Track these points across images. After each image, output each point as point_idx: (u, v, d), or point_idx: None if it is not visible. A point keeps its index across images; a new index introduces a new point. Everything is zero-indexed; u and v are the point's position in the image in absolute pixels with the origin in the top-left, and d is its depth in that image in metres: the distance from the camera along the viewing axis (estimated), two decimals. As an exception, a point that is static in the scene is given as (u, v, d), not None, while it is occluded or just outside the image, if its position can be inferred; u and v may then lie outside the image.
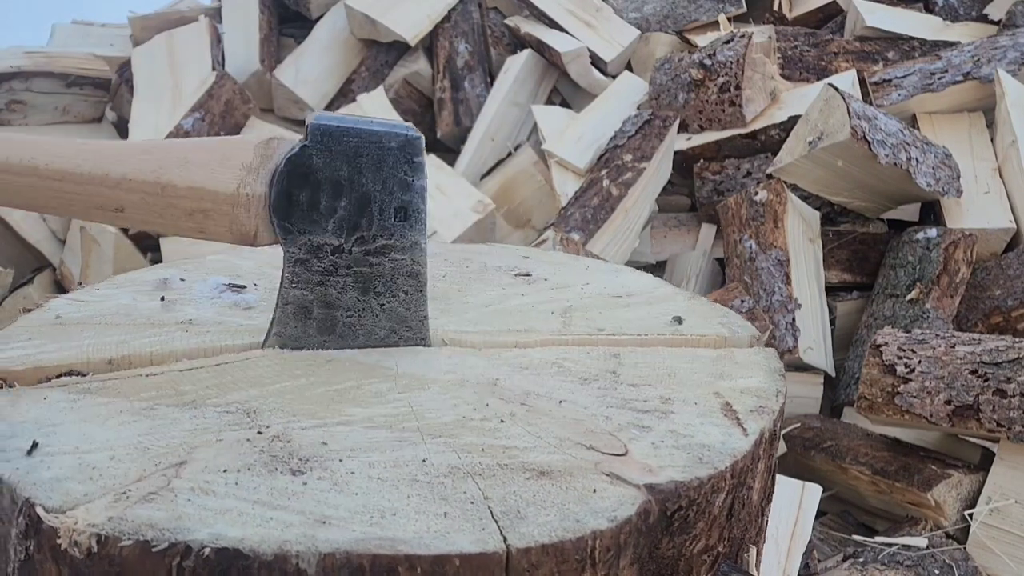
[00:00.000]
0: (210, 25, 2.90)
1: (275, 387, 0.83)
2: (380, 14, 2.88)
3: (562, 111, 2.79)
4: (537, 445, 0.73)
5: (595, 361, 0.93)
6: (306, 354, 0.90)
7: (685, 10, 3.04)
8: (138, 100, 2.75)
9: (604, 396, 0.84)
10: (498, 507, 0.64)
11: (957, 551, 1.55)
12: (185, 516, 0.61)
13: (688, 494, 0.69)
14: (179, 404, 0.78)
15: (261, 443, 0.71)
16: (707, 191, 2.47)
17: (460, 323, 1.03)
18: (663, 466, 0.70)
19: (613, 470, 0.69)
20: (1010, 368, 1.57)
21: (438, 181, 2.62)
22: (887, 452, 1.79)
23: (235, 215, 0.87)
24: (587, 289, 1.18)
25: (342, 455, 0.70)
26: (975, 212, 2.23)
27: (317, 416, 0.77)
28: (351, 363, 0.89)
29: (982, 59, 2.45)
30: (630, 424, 0.78)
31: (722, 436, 0.76)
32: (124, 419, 0.75)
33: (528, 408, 0.80)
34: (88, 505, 0.62)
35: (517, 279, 1.22)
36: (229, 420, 0.76)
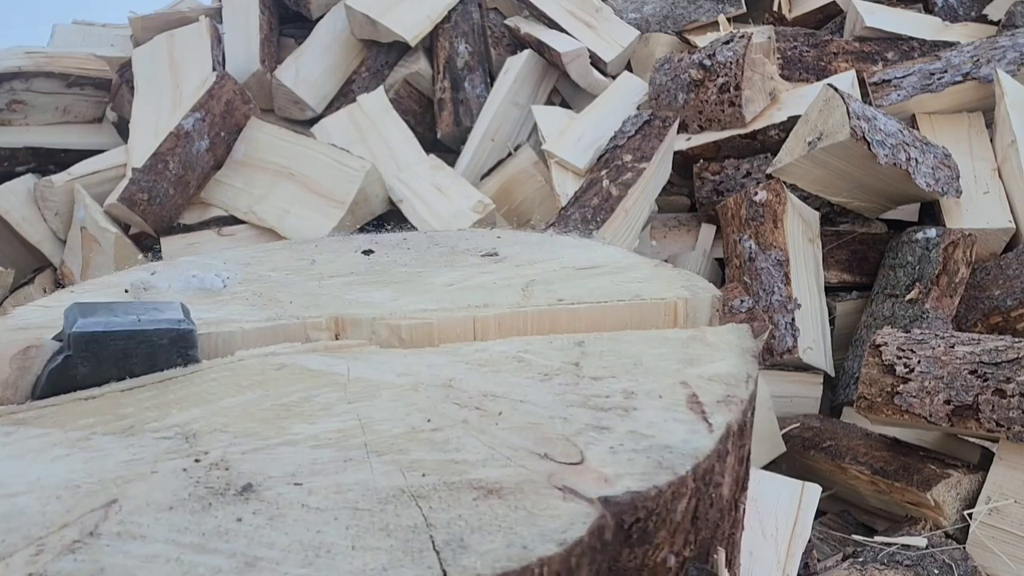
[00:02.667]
0: (210, 25, 2.90)
1: (220, 404, 0.79)
2: (380, 14, 2.88)
3: (562, 111, 2.79)
4: (489, 457, 0.69)
5: (558, 352, 0.89)
6: (255, 362, 0.87)
7: (685, 10, 3.04)
8: (138, 100, 2.75)
9: (564, 394, 0.80)
10: (441, 536, 0.60)
11: (956, 551, 1.55)
12: (108, 567, 0.56)
13: (646, 504, 0.65)
14: (117, 431, 0.74)
15: (198, 473, 0.67)
16: (707, 191, 2.48)
17: (419, 303, 1.01)
18: (619, 474, 0.66)
19: (567, 483, 0.65)
20: (1009, 368, 1.57)
21: (438, 181, 2.62)
22: (886, 452, 1.79)
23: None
24: (552, 264, 1.17)
25: (281, 483, 0.66)
26: (974, 212, 2.24)
27: (261, 436, 0.73)
28: (300, 371, 0.85)
29: (981, 59, 2.45)
30: (589, 426, 0.74)
31: (685, 434, 0.72)
32: (57, 453, 0.70)
33: (483, 413, 0.77)
34: (8, 560, 0.57)
35: (484, 259, 1.21)
36: (167, 447, 0.71)
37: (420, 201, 2.57)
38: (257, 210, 2.56)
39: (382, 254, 1.26)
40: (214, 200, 2.63)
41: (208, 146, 2.60)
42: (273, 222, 2.52)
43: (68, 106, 2.97)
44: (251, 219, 2.56)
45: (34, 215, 2.67)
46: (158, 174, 2.50)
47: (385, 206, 2.63)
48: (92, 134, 2.99)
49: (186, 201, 2.59)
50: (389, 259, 1.23)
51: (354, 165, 2.54)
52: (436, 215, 2.52)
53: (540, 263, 1.18)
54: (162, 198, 2.51)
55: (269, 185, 2.60)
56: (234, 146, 2.68)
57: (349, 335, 0.96)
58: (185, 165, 2.54)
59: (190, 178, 2.57)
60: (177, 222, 2.59)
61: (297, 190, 2.56)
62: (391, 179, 2.63)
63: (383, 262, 1.21)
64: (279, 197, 2.57)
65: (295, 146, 2.63)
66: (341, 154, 2.59)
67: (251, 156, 2.66)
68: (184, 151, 2.54)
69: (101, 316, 0.84)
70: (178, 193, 2.55)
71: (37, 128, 2.91)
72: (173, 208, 2.55)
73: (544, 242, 1.31)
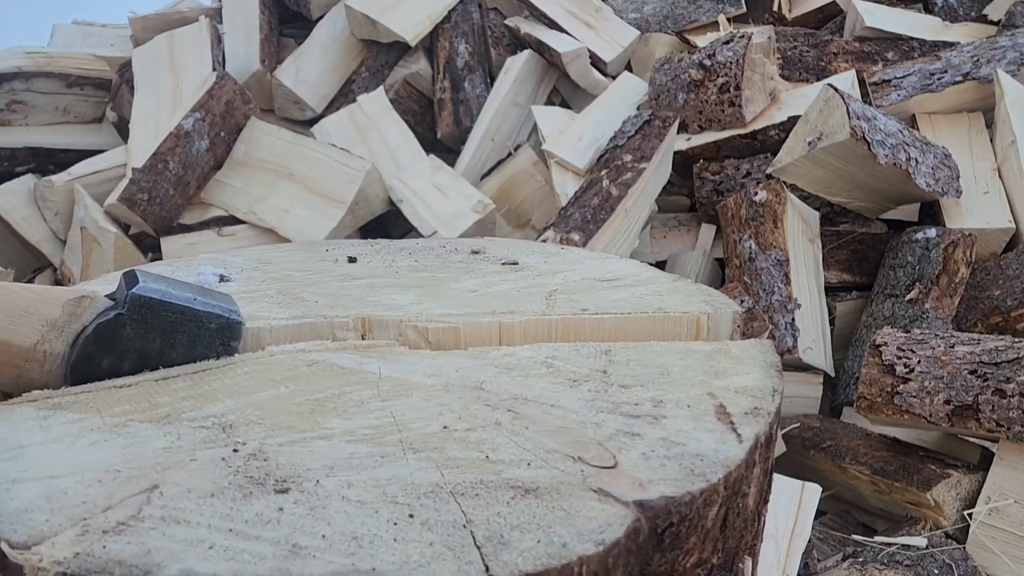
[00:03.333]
0: (210, 25, 2.90)
1: (254, 397, 0.80)
2: (380, 14, 2.88)
3: (562, 111, 2.79)
4: (523, 458, 0.71)
5: (585, 359, 0.91)
6: (286, 358, 0.88)
7: (685, 11, 3.04)
8: (139, 100, 2.75)
9: (594, 400, 0.82)
10: (481, 532, 0.61)
11: (956, 551, 1.55)
12: (155, 550, 0.57)
13: (680, 510, 0.66)
14: (153, 420, 0.75)
15: (237, 462, 0.68)
16: (707, 191, 2.48)
17: (444, 307, 1.02)
18: (653, 480, 0.67)
19: (602, 485, 0.66)
20: (1009, 368, 1.57)
21: (438, 181, 2.62)
22: (886, 452, 1.79)
23: (25, 369, 0.80)
24: (573, 275, 1.19)
25: (320, 475, 0.67)
26: (974, 212, 2.24)
27: (296, 430, 0.74)
28: (332, 368, 0.87)
29: (981, 59, 2.45)
30: (620, 431, 0.75)
31: (715, 443, 0.73)
32: (95, 438, 0.72)
33: (515, 415, 0.78)
34: (54, 539, 0.58)
35: (505, 267, 1.22)
36: (204, 436, 0.72)
37: (420, 201, 2.57)
38: (257, 210, 2.56)
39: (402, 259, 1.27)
40: (214, 200, 2.63)
41: (208, 146, 2.60)
42: (273, 222, 2.52)
43: (68, 106, 2.98)
44: (251, 219, 2.56)
45: (34, 215, 2.67)
46: (158, 174, 2.50)
47: (385, 206, 2.63)
48: (92, 134, 2.99)
49: (186, 201, 2.59)
50: (410, 264, 1.24)
51: (354, 165, 2.54)
52: (436, 215, 2.52)
53: (560, 273, 1.19)
54: (162, 198, 2.51)
55: (269, 185, 2.60)
56: (234, 146, 2.68)
57: (375, 336, 0.97)
58: (185, 165, 2.54)
59: (190, 178, 2.57)
60: (177, 222, 2.59)
61: (297, 190, 2.56)
62: (391, 179, 2.63)
63: (407, 267, 1.23)
64: (279, 197, 2.57)
65: (295, 146, 2.63)
66: (341, 154, 2.59)
67: (251, 156, 2.66)
68: (184, 151, 2.54)
69: (160, 285, 0.85)
70: (178, 193, 2.55)
71: (37, 128, 2.91)
72: (173, 208, 2.55)
73: (562, 253, 1.33)
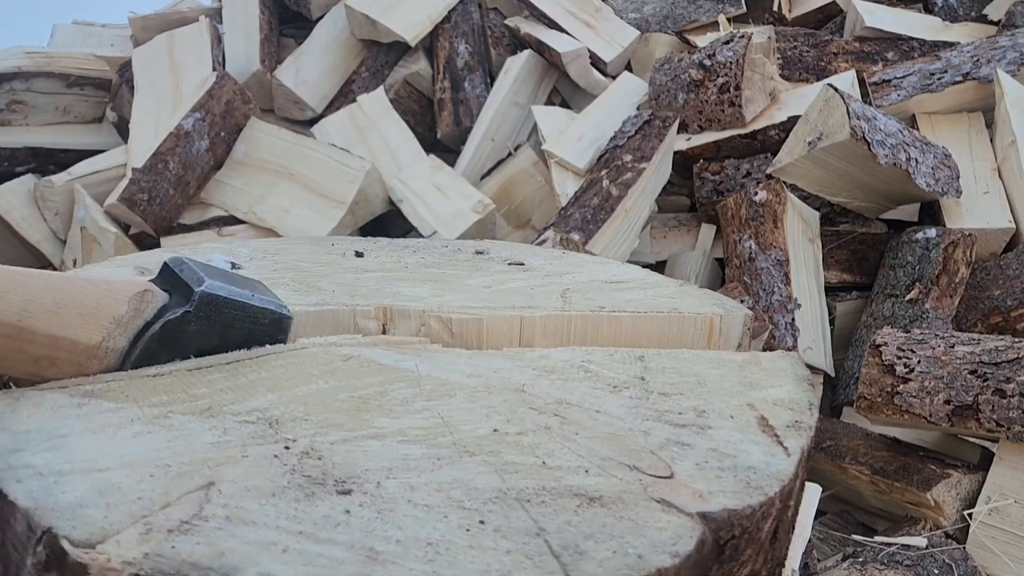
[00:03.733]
0: (210, 25, 2.90)
1: (295, 392, 0.78)
2: (380, 14, 2.88)
3: (562, 111, 2.79)
4: (580, 465, 0.69)
5: (621, 365, 0.90)
6: (319, 351, 0.87)
7: (685, 11, 3.04)
8: (139, 100, 2.75)
9: (637, 407, 0.81)
10: (555, 541, 0.59)
11: (956, 551, 1.55)
12: (228, 552, 0.55)
13: (741, 523, 0.65)
14: (194, 412, 0.73)
15: (291, 460, 0.66)
16: (707, 191, 2.48)
17: (464, 299, 1.03)
18: (713, 492, 0.66)
19: (663, 496, 0.65)
20: (1009, 368, 1.57)
21: (438, 181, 2.62)
22: (886, 452, 1.79)
23: (86, 365, 0.77)
24: (580, 276, 1.19)
25: (379, 476, 0.65)
26: (974, 212, 2.24)
27: (345, 428, 0.72)
28: (369, 364, 0.85)
29: (981, 59, 2.45)
30: (669, 440, 0.74)
31: (764, 456, 0.73)
32: (138, 429, 0.69)
33: (563, 420, 0.77)
34: (117, 537, 0.55)
35: (511, 267, 1.23)
36: (251, 432, 0.70)
37: (420, 201, 2.57)
38: (257, 210, 2.56)
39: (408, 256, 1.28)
40: (214, 200, 2.63)
41: (208, 146, 2.60)
42: (273, 222, 2.52)
43: (68, 106, 2.97)
44: (251, 219, 2.56)
45: (34, 215, 2.67)
46: (158, 174, 2.50)
47: (385, 206, 2.63)
48: (92, 134, 2.99)
49: (186, 201, 2.59)
50: (417, 260, 1.25)
51: (354, 165, 2.54)
52: (436, 215, 2.52)
53: (568, 274, 1.20)
54: (162, 198, 2.51)
55: (269, 185, 2.60)
56: (234, 146, 2.68)
57: (396, 325, 0.97)
58: (185, 165, 2.54)
59: (190, 178, 2.57)
60: (177, 222, 2.59)
61: (297, 190, 2.56)
62: (391, 179, 2.63)
63: (415, 263, 1.23)
64: (279, 197, 2.57)
65: (295, 146, 2.63)
66: (341, 154, 2.59)
67: (251, 156, 2.66)
68: (184, 151, 2.54)
69: (220, 280, 0.83)
70: (178, 193, 2.55)
71: (37, 128, 2.91)
72: (173, 208, 2.55)
73: (563, 256, 1.35)
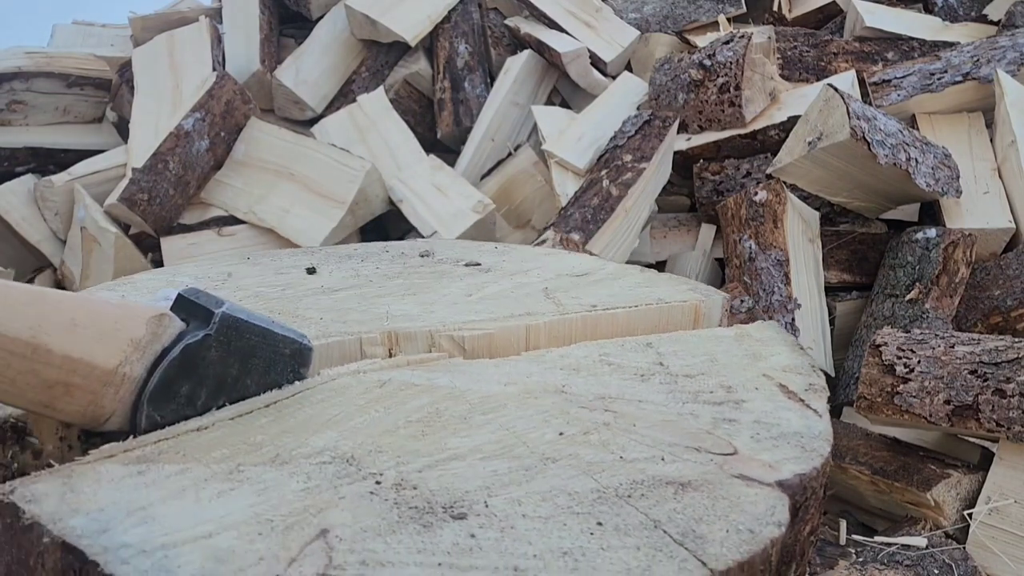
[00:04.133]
0: (210, 25, 2.90)
1: (350, 425, 0.77)
2: (380, 14, 2.88)
3: (562, 111, 2.79)
4: (653, 455, 0.71)
5: (635, 354, 0.93)
6: (352, 380, 0.85)
7: (685, 11, 3.04)
8: (138, 100, 2.75)
9: (672, 391, 0.84)
10: (673, 530, 0.61)
11: (956, 551, 1.55)
12: None
13: (811, 484, 0.69)
14: (264, 461, 0.70)
15: (388, 494, 0.65)
16: (707, 191, 2.48)
17: (459, 313, 1.02)
18: (778, 461, 0.71)
19: (740, 471, 0.69)
20: (1009, 368, 1.57)
21: (438, 181, 2.62)
22: (886, 452, 1.79)
23: (101, 394, 0.72)
24: (544, 271, 1.20)
25: (482, 496, 0.65)
26: (974, 212, 2.24)
27: (422, 454, 0.72)
28: (407, 386, 0.85)
29: (981, 59, 2.45)
30: (716, 419, 0.78)
31: (802, 420, 0.77)
32: (219, 488, 0.66)
33: (615, 414, 0.79)
34: None
35: (470, 269, 1.23)
36: (335, 472, 0.69)
37: (420, 201, 2.57)
38: (257, 210, 2.56)
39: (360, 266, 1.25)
40: (214, 200, 2.63)
41: (208, 146, 2.60)
42: (273, 222, 2.52)
43: (68, 106, 2.97)
44: (251, 219, 2.56)
45: (34, 215, 2.67)
46: (158, 174, 2.50)
47: (385, 206, 2.63)
48: (92, 134, 2.99)
49: (186, 201, 2.59)
50: (375, 271, 1.23)
51: (354, 165, 2.54)
52: (436, 215, 2.52)
53: (531, 271, 1.20)
54: (162, 198, 2.51)
55: (269, 185, 2.60)
56: (234, 146, 2.68)
57: (403, 349, 0.97)
58: (185, 165, 2.54)
59: (190, 178, 2.57)
60: (177, 222, 2.59)
61: (297, 190, 2.56)
62: (391, 179, 2.63)
63: (376, 274, 1.21)
64: (279, 197, 2.57)
65: (295, 146, 2.63)
66: (341, 154, 2.59)
67: (251, 156, 2.66)
68: (184, 151, 2.54)
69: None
70: (178, 193, 2.55)
71: (37, 128, 2.91)
72: (173, 208, 2.55)
73: (509, 251, 1.34)
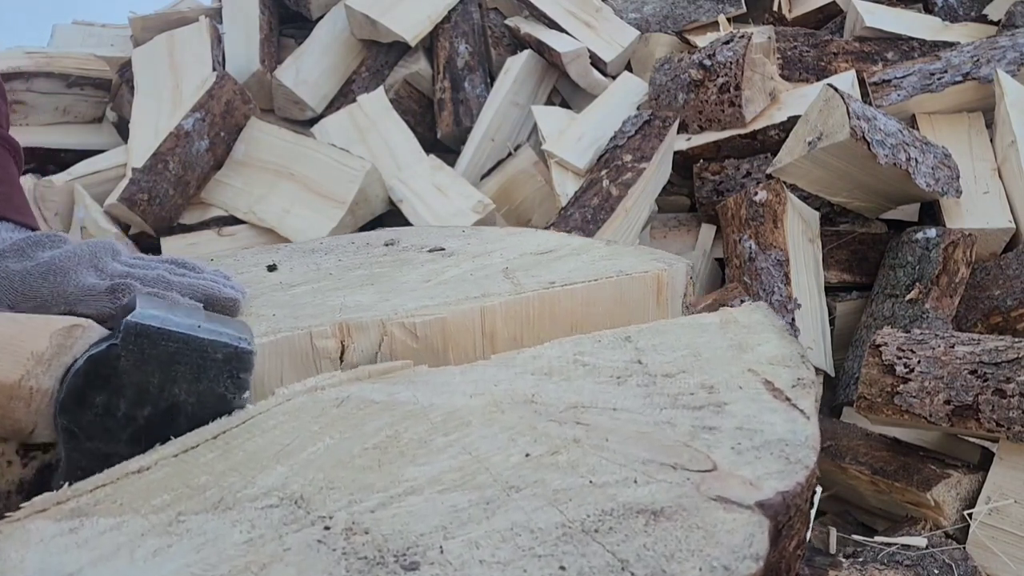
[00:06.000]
0: (210, 25, 2.90)
1: (303, 456, 0.71)
2: (380, 14, 2.88)
3: (562, 111, 2.79)
4: (626, 476, 0.66)
5: (613, 351, 0.88)
6: (307, 400, 0.79)
7: (685, 10, 3.04)
8: (138, 100, 2.75)
9: (649, 395, 0.78)
10: (641, 571, 0.56)
11: (956, 551, 1.55)
12: None
13: (794, 502, 0.64)
14: (208, 508, 0.65)
15: (338, 543, 0.60)
16: (707, 191, 2.48)
17: (414, 300, 0.98)
18: (760, 476, 0.65)
19: (718, 492, 0.64)
20: (1009, 368, 1.57)
21: (438, 181, 2.62)
22: (886, 452, 1.79)
23: (10, 408, 0.71)
24: (508, 251, 1.16)
25: (438, 539, 0.60)
26: (974, 212, 2.23)
27: (376, 488, 0.66)
28: (366, 404, 0.79)
29: (981, 59, 2.45)
30: (695, 427, 0.73)
31: (787, 424, 0.72)
32: (155, 545, 0.61)
33: (587, 427, 0.73)
34: None
35: (434, 255, 1.19)
36: (281, 517, 0.63)
37: (420, 201, 2.57)
38: (257, 210, 2.56)
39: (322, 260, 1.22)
40: (214, 200, 2.63)
41: (208, 146, 2.60)
42: (273, 222, 2.52)
43: (68, 106, 2.97)
44: (251, 219, 2.56)
45: (34, 215, 2.66)
46: (158, 174, 2.50)
47: (385, 206, 2.63)
48: (92, 134, 2.99)
49: (186, 201, 2.59)
50: (336, 264, 1.19)
51: (354, 165, 2.54)
52: (436, 215, 2.52)
53: (495, 252, 1.16)
54: (162, 198, 2.51)
55: (269, 185, 2.60)
56: (234, 146, 2.68)
57: (356, 340, 0.93)
58: (185, 165, 2.54)
59: (190, 178, 2.57)
60: (177, 222, 2.59)
61: (297, 190, 2.56)
62: (391, 179, 2.63)
63: (336, 266, 1.18)
64: (279, 197, 2.57)
65: (295, 146, 2.63)
66: (341, 154, 2.59)
67: (251, 156, 2.66)
68: (184, 151, 2.54)
69: (160, 311, 0.76)
70: (178, 193, 2.55)
71: (37, 128, 2.91)
72: (173, 208, 2.55)
73: (475, 234, 1.30)
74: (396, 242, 1.29)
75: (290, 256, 1.26)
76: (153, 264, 0.95)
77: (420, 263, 1.15)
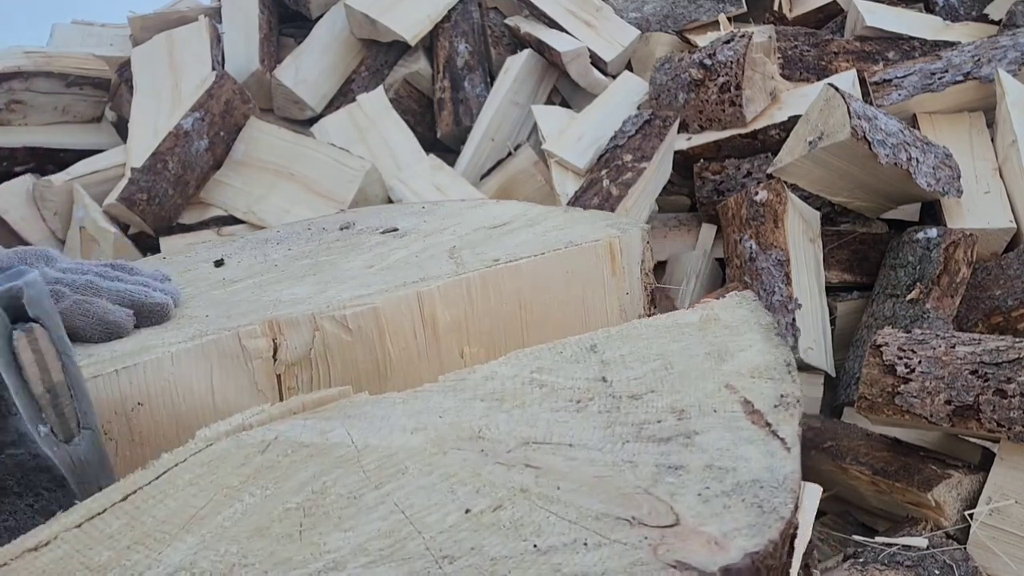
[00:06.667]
0: (210, 25, 2.90)
1: (218, 522, 0.63)
2: (380, 14, 2.87)
3: (562, 111, 2.79)
4: (575, 537, 0.58)
5: (574, 366, 0.79)
6: (230, 446, 0.71)
7: (685, 10, 3.04)
8: (138, 100, 2.75)
9: (611, 425, 0.70)
10: None
11: (957, 551, 1.55)
12: None
13: (766, 563, 0.56)
14: None
15: None
16: (707, 191, 2.47)
17: (351, 289, 0.93)
18: (727, 532, 0.57)
19: (677, 556, 0.55)
20: (1010, 368, 1.57)
21: (438, 181, 2.62)
22: (887, 452, 1.79)
23: None
24: (461, 228, 1.11)
25: None
26: (975, 212, 2.23)
27: (295, 564, 0.58)
28: (294, 448, 0.71)
29: (982, 59, 2.45)
30: (660, 468, 0.64)
31: (765, 458, 0.63)
32: None
33: (537, 472, 0.65)
34: None
35: (386, 236, 1.14)
36: None
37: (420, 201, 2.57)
38: (257, 210, 2.56)
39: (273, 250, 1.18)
40: (213, 200, 2.63)
41: (207, 146, 2.59)
42: (273, 222, 2.52)
43: (67, 106, 2.97)
44: (251, 219, 2.56)
45: (33, 215, 2.66)
46: (157, 174, 2.50)
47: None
48: (91, 134, 2.98)
49: (185, 201, 2.59)
50: (285, 254, 1.14)
51: (354, 165, 2.54)
52: (436, 215, 2.52)
53: (448, 230, 1.11)
54: (161, 198, 2.51)
55: (269, 185, 2.60)
56: (233, 146, 2.68)
57: (287, 337, 0.87)
58: (184, 165, 2.54)
59: (189, 178, 2.57)
60: (176, 222, 2.59)
61: (297, 190, 2.56)
62: (391, 179, 2.62)
63: (283, 257, 1.13)
64: (279, 197, 2.56)
65: (295, 146, 2.63)
66: (341, 154, 2.58)
67: (251, 156, 2.66)
68: (183, 151, 2.54)
69: None
70: (177, 193, 2.54)
71: (36, 128, 2.91)
72: (172, 208, 2.55)
73: (435, 209, 1.25)
74: (352, 225, 1.24)
75: (242, 248, 1.22)
76: (85, 268, 0.94)
77: (369, 247, 1.10)
